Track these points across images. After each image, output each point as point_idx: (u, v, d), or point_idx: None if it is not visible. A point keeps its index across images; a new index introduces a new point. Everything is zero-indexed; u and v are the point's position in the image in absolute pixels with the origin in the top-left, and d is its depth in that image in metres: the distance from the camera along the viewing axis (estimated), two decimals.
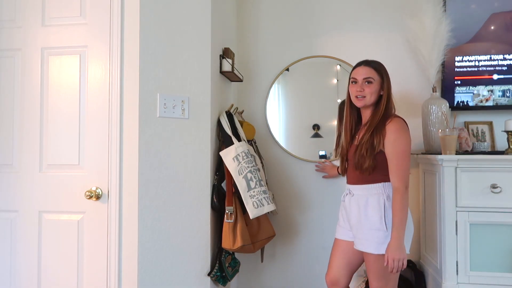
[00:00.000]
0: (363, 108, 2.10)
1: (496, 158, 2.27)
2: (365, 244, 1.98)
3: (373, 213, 1.97)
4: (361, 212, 2.00)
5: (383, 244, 1.93)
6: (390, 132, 1.95)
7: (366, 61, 2.11)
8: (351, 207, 2.07)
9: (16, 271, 2.17)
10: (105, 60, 2.11)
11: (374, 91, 2.04)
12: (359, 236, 2.02)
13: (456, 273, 2.28)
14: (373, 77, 2.05)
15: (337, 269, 2.15)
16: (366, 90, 2.04)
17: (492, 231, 2.27)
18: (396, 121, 1.97)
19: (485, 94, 2.64)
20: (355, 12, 2.84)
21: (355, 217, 2.04)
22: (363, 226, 1.99)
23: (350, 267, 2.15)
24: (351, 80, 2.10)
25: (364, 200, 2.01)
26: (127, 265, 2.08)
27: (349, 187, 2.10)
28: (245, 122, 2.62)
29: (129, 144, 2.08)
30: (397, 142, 1.94)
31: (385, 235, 1.93)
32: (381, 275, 1.98)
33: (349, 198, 2.10)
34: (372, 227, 1.96)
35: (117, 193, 2.08)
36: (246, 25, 2.96)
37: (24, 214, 2.17)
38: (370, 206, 1.98)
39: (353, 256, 2.12)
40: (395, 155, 1.94)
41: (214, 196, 2.26)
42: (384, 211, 1.95)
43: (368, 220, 1.97)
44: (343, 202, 2.16)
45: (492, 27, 2.62)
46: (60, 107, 2.16)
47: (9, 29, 2.21)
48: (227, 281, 2.31)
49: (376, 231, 1.95)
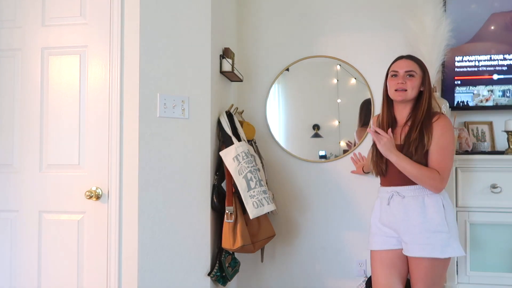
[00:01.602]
0: (400, 104, 1.98)
1: (496, 158, 2.27)
2: (427, 248, 1.83)
3: (433, 214, 1.84)
4: (418, 215, 1.86)
5: (448, 246, 1.82)
6: (436, 129, 1.87)
7: (408, 55, 2.02)
8: (401, 210, 1.91)
9: (16, 271, 2.17)
10: (105, 60, 2.11)
11: (416, 85, 1.93)
12: (417, 242, 1.85)
13: (456, 273, 2.28)
14: (416, 71, 1.94)
15: (389, 285, 1.94)
16: (408, 83, 1.92)
17: (492, 231, 2.27)
18: (444, 118, 1.90)
19: (485, 94, 2.64)
20: (355, 12, 2.83)
21: (410, 221, 1.88)
22: (422, 229, 1.84)
23: (402, 279, 1.96)
24: (391, 73, 1.99)
25: (420, 201, 1.88)
26: (127, 265, 2.07)
27: (396, 189, 1.94)
28: (245, 122, 2.62)
29: (129, 144, 2.08)
30: (441, 138, 1.86)
31: (448, 236, 1.83)
32: (434, 281, 1.87)
33: (397, 200, 1.93)
34: (434, 229, 1.83)
35: (117, 193, 2.08)
36: (246, 25, 2.96)
37: (24, 214, 2.17)
38: (428, 207, 1.86)
39: (402, 265, 1.95)
40: (436, 150, 1.85)
41: (214, 196, 2.26)
42: (444, 211, 1.85)
43: (429, 222, 1.84)
44: (387, 206, 1.97)
45: (492, 27, 2.62)
46: (60, 107, 2.16)
47: (9, 29, 2.21)
48: (227, 281, 2.31)
49: (439, 234, 1.83)
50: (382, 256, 1.98)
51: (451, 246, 1.84)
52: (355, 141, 2.79)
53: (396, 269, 1.95)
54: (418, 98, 1.97)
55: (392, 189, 1.97)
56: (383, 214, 2.00)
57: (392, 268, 1.95)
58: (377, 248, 2.00)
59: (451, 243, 1.84)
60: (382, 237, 1.99)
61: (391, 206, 1.96)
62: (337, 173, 2.81)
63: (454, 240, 1.86)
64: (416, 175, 1.85)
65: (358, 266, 2.75)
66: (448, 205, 1.90)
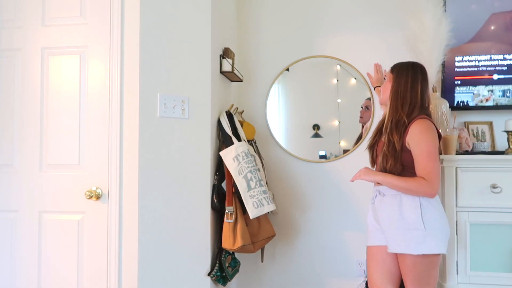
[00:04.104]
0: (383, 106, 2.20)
1: (496, 158, 2.27)
2: (402, 245, 1.89)
3: (409, 212, 1.89)
4: (395, 213, 1.93)
5: (423, 243, 1.85)
6: (413, 133, 1.90)
7: None
8: (383, 208, 1.99)
9: (16, 271, 2.17)
10: (105, 60, 2.11)
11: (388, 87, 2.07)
12: (394, 238, 1.93)
13: (456, 273, 2.28)
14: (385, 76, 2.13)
15: (380, 280, 2.01)
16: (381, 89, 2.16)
17: (492, 231, 2.26)
18: (420, 122, 1.91)
19: (485, 94, 2.64)
20: (355, 12, 2.83)
21: (388, 219, 1.96)
22: (398, 227, 1.91)
23: (392, 276, 2.01)
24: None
25: (398, 200, 1.93)
26: (127, 265, 2.07)
27: (379, 188, 2.03)
28: (245, 122, 2.62)
29: (129, 144, 2.08)
30: (420, 143, 1.88)
31: (424, 234, 1.86)
32: (420, 279, 1.89)
33: (379, 199, 2.02)
34: (409, 226, 1.88)
35: (117, 193, 2.08)
36: (246, 25, 2.96)
37: (24, 214, 2.17)
38: (405, 206, 1.91)
39: (393, 262, 2.00)
40: (418, 156, 1.88)
41: (214, 196, 2.26)
42: (421, 209, 1.88)
43: (404, 220, 1.90)
44: (373, 205, 2.08)
45: (492, 27, 2.62)
46: (60, 107, 2.16)
47: (9, 29, 2.20)
48: (227, 281, 2.31)
49: (414, 231, 1.87)
50: (373, 252, 2.07)
51: (427, 244, 1.86)
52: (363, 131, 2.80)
53: (386, 265, 2.02)
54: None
55: (376, 188, 2.06)
56: (372, 212, 2.10)
57: (382, 264, 2.02)
58: (370, 244, 2.09)
59: (427, 240, 1.86)
60: (375, 233, 2.07)
61: (375, 205, 2.06)
62: (337, 173, 2.81)
63: (432, 238, 1.87)
64: (404, 187, 1.90)
65: (358, 266, 2.76)
66: (429, 203, 1.90)
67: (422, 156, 1.88)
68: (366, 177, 2.01)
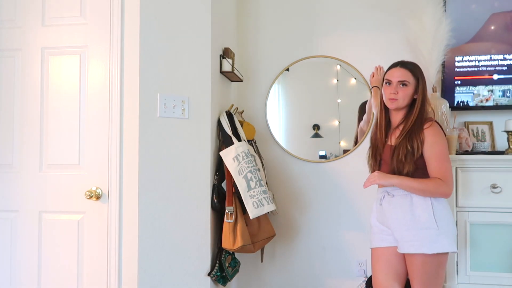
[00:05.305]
0: (394, 110, 2.04)
1: (496, 158, 2.27)
2: (416, 245, 1.88)
3: (421, 212, 1.90)
4: (407, 213, 1.92)
5: (436, 242, 1.86)
6: (428, 136, 1.92)
7: (402, 62, 2.05)
8: (392, 209, 1.98)
9: (16, 271, 2.17)
10: (105, 60, 2.11)
11: (408, 94, 1.98)
12: (406, 239, 1.91)
13: (456, 273, 2.28)
14: (408, 80, 1.98)
15: (386, 281, 1.99)
16: (399, 93, 1.97)
17: (492, 231, 2.27)
18: (435, 126, 1.95)
19: (485, 94, 2.64)
20: (355, 12, 2.83)
21: (399, 219, 1.95)
22: (410, 227, 1.90)
23: (399, 276, 2.00)
24: (385, 81, 2.04)
25: (409, 200, 1.93)
26: (127, 265, 2.07)
27: (387, 189, 2.01)
28: (245, 122, 2.62)
29: (129, 144, 2.08)
30: (435, 146, 1.91)
31: (437, 233, 1.86)
32: (428, 279, 1.90)
33: (388, 200, 2.00)
34: (422, 226, 1.88)
35: (117, 193, 2.08)
36: (246, 25, 2.96)
37: (24, 214, 2.17)
38: (416, 206, 1.91)
39: (399, 263, 1.99)
40: (433, 158, 1.91)
41: (214, 196, 2.26)
42: (432, 208, 1.89)
43: (416, 220, 1.89)
44: (380, 206, 2.05)
45: (492, 27, 2.62)
46: (60, 107, 2.16)
47: (9, 29, 2.20)
48: (227, 281, 2.32)
49: (427, 230, 1.87)
50: (378, 253, 2.04)
51: (440, 242, 1.87)
52: (357, 137, 2.79)
53: (392, 266, 2.00)
54: (412, 105, 2.02)
55: (383, 189, 2.04)
56: (378, 214, 2.07)
57: (388, 265, 2.01)
58: (375, 246, 2.07)
59: (440, 239, 1.87)
60: (380, 235, 2.05)
61: (383, 206, 2.03)
62: (337, 173, 2.81)
63: (444, 236, 1.88)
64: (422, 189, 1.90)
65: (358, 266, 2.76)
66: (439, 203, 1.93)
67: (435, 158, 1.91)
68: (382, 181, 1.96)
